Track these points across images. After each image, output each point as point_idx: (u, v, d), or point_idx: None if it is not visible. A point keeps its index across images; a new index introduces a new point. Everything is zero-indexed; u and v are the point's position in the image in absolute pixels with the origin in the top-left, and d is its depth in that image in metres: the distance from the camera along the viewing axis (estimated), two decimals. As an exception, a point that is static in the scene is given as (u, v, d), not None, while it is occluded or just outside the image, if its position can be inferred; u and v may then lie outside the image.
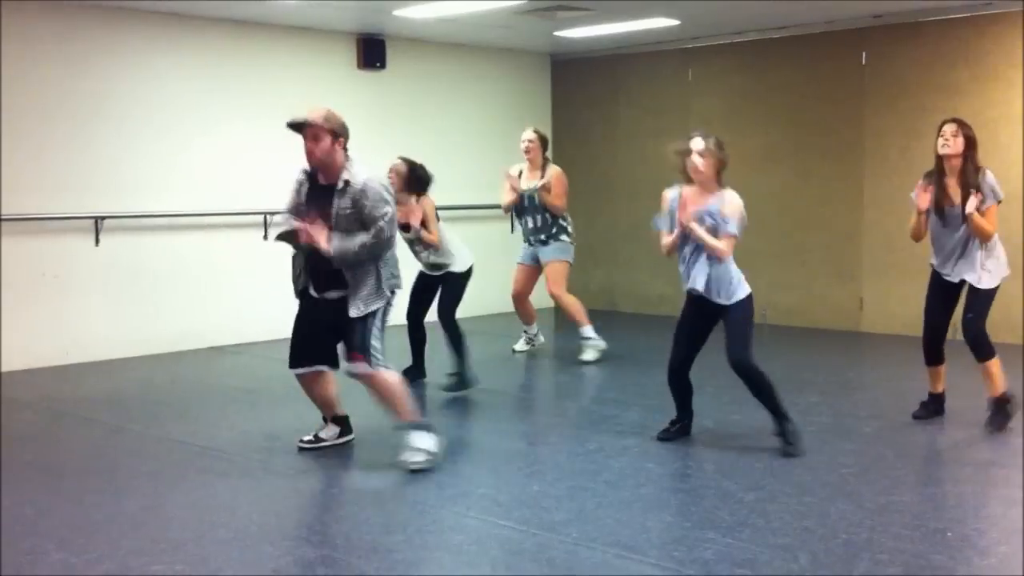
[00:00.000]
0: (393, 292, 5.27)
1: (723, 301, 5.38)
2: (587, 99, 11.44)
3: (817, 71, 9.74)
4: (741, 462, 5.28)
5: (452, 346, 7.10)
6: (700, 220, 5.32)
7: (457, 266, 7.16)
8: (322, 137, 5.03)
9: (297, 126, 5.09)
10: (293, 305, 5.48)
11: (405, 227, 6.88)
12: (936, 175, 5.79)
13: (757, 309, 5.55)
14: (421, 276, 7.29)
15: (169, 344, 8.76)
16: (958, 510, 4.60)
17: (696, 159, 5.34)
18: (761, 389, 5.41)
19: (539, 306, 8.70)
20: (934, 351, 5.97)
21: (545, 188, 7.89)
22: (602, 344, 8.19)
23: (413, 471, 5.12)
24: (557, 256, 8.08)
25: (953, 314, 5.97)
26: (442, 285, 7.22)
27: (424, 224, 6.96)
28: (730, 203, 5.35)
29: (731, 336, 5.38)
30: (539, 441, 5.98)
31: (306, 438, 5.63)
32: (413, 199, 6.97)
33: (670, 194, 5.51)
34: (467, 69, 10.92)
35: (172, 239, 8.82)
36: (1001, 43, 8.64)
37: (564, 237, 8.06)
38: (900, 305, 9.29)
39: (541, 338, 8.63)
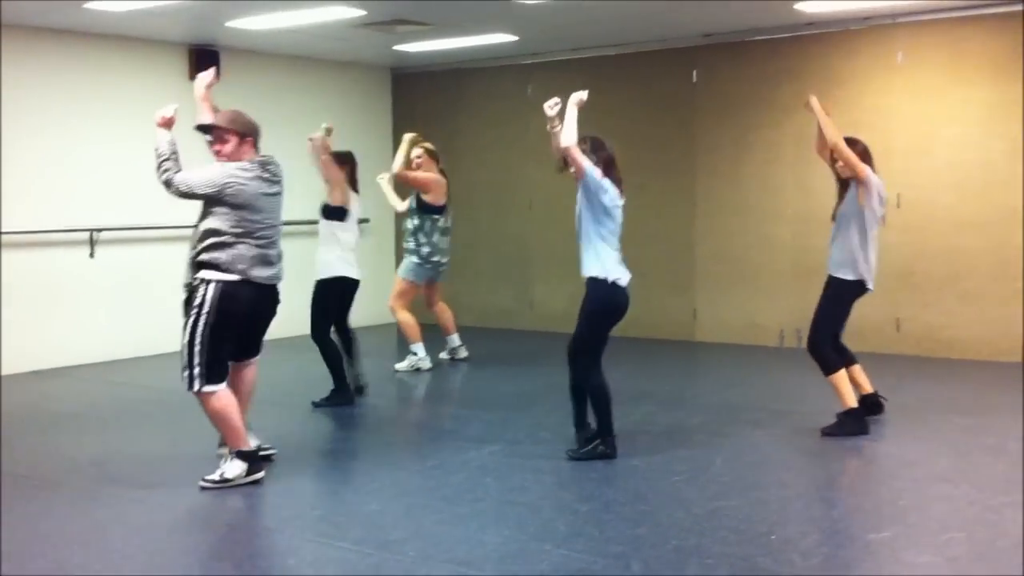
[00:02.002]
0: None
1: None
2: (428, 113, 11.43)
3: (651, 87, 9.99)
4: (577, 472, 5.35)
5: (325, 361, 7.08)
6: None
7: (319, 274, 7.05)
8: (227, 138, 5.12)
9: (205, 128, 5.18)
10: (123, 327, 5.28)
11: (338, 212, 6.96)
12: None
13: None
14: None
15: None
16: (782, 513, 4.77)
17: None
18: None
19: (386, 321, 8.62)
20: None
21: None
22: (425, 364, 8.30)
23: (201, 487, 5.03)
24: (401, 273, 8.33)
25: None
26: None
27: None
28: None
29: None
30: (377, 459, 5.91)
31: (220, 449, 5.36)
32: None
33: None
34: (306, 82, 10.77)
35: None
36: (823, 62, 9.05)
37: (415, 257, 8.18)
38: (731, 314, 9.62)
39: (463, 352, 8.75)
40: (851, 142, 5.98)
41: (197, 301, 4.97)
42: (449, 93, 11.32)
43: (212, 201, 5.02)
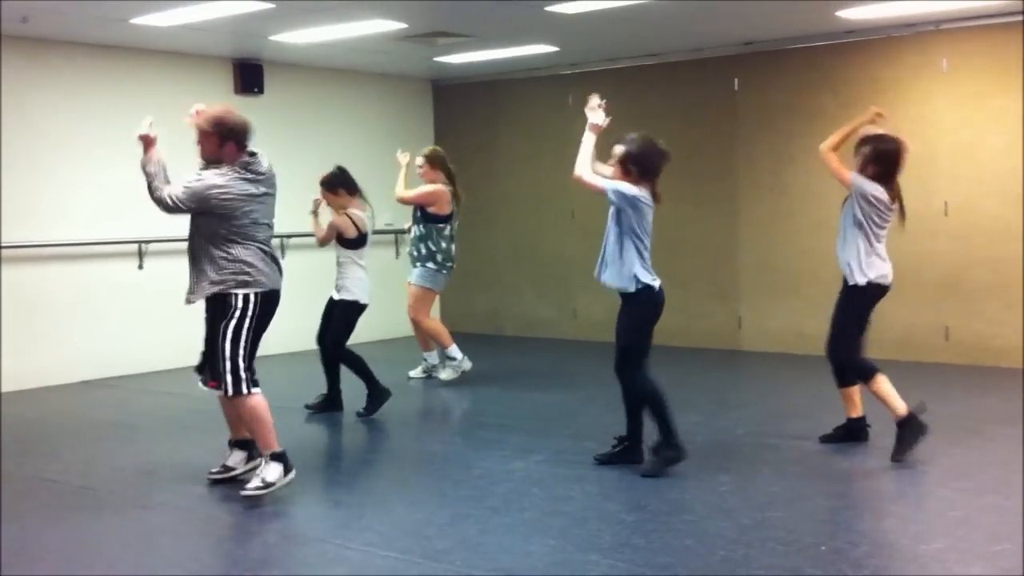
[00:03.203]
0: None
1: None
2: (469, 124, 11.49)
3: (692, 96, 9.97)
4: (622, 482, 5.34)
5: (329, 370, 7.14)
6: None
7: (349, 295, 7.06)
8: (207, 138, 5.09)
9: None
10: (168, 337, 5.34)
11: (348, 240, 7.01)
12: None
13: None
14: (329, 301, 7.21)
15: (39, 379, 8.44)
16: (831, 524, 4.73)
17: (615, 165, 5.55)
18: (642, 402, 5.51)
19: (395, 335, 8.60)
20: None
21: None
22: (466, 365, 8.25)
23: (244, 496, 5.01)
24: (419, 282, 8.05)
25: None
26: (336, 309, 7.11)
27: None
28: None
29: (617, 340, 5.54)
30: (422, 468, 5.94)
31: (214, 469, 5.43)
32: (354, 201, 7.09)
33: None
34: (348, 94, 10.86)
35: (38, 270, 8.52)
36: (864, 70, 8.99)
37: (430, 264, 8.00)
38: (776, 323, 9.56)
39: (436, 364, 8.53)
40: (878, 139, 5.84)
41: (238, 307, 4.99)
42: (490, 104, 11.36)
43: (203, 212, 5.01)
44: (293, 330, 8.21)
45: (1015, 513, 4.71)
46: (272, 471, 5.07)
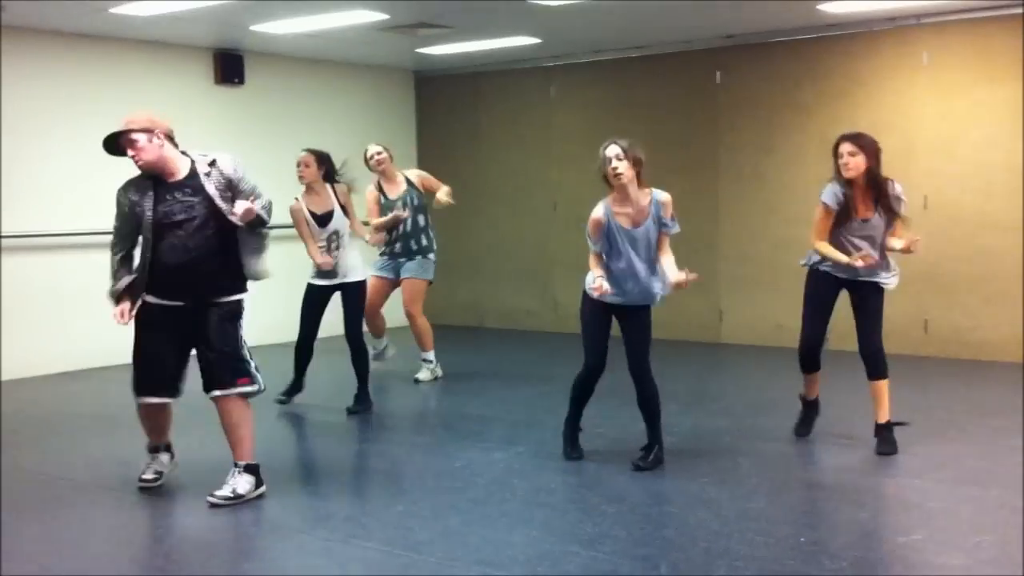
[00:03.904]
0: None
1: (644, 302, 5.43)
2: (451, 116, 11.46)
3: (674, 89, 9.98)
4: (603, 474, 5.35)
5: (358, 364, 6.96)
6: (654, 229, 5.39)
7: (359, 275, 6.98)
8: (138, 140, 4.79)
9: (111, 146, 4.89)
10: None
11: (325, 218, 6.80)
12: (845, 189, 5.58)
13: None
14: (312, 288, 6.99)
15: (17, 370, 8.39)
16: (811, 516, 4.75)
17: (615, 164, 5.24)
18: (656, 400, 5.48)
19: (395, 324, 8.45)
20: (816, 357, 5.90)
21: (426, 187, 7.81)
22: (439, 371, 8.09)
23: (211, 504, 4.89)
24: (419, 274, 7.81)
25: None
26: (342, 296, 6.97)
27: (347, 212, 6.90)
28: (668, 202, 5.43)
29: (639, 343, 5.46)
30: (405, 460, 5.93)
31: (147, 476, 5.22)
32: (328, 188, 6.93)
33: (603, 218, 5.34)
34: (330, 85, 10.82)
35: (15, 261, 8.45)
36: (845, 63, 9.02)
37: (431, 255, 7.87)
38: (757, 316, 9.59)
39: (391, 351, 8.31)
40: (857, 136, 5.59)
41: (243, 311, 4.99)
42: (472, 95, 11.33)
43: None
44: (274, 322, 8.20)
45: (994, 504, 4.75)
46: (244, 483, 4.95)
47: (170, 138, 4.89)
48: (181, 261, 4.81)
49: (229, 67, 9.81)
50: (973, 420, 6.43)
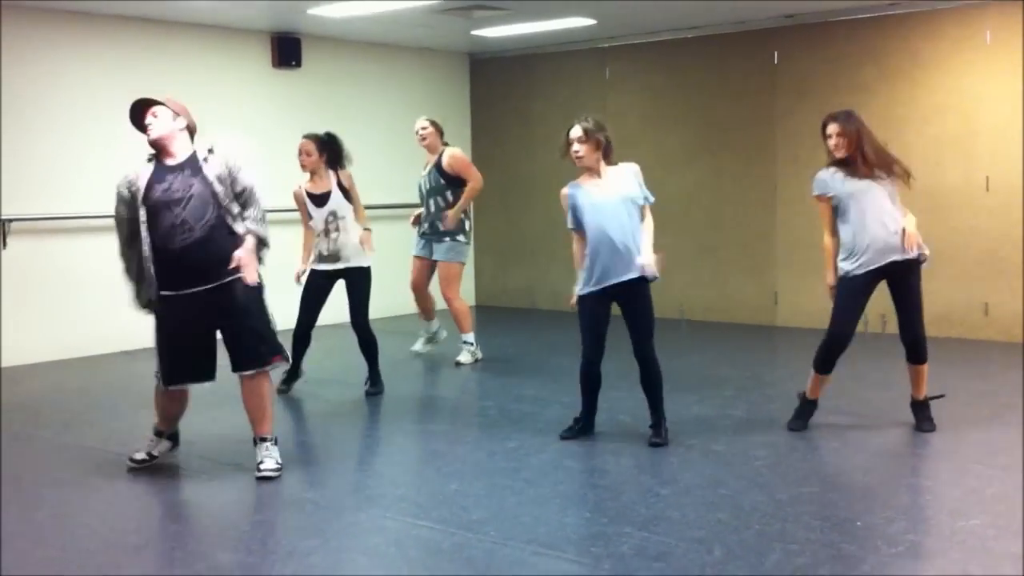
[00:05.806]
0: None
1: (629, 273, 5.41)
2: (505, 98, 11.47)
3: (730, 70, 9.89)
4: (657, 456, 5.35)
5: (367, 352, 6.97)
6: (624, 199, 5.39)
7: (364, 260, 6.88)
8: (161, 114, 4.94)
9: (135, 117, 4.99)
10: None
11: (322, 199, 6.78)
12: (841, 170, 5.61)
13: (674, 306, 5.61)
14: (315, 275, 6.90)
15: (79, 349, 8.57)
16: (867, 500, 4.71)
17: (576, 147, 5.43)
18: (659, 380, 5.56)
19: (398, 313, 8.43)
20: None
21: (455, 171, 7.73)
22: (479, 353, 8.08)
23: (261, 478, 4.99)
24: (451, 257, 7.82)
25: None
26: (346, 282, 6.93)
27: (350, 197, 6.84)
28: (636, 174, 5.51)
29: (642, 328, 5.49)
30: (458, 441, 5.97)
31: (138, 456, 5.25)
32: (331, 172, 6.87)
33: (568, 191, 5.57)
34: (385, 68, 10.87)
35: (81, 242, 8.62)
36: (906, 43, 8.88)
37: (460, 237, 7.82)
38: (812, 300, 9.48)
39: (443, 333, 8.37)
40: (842, 115, 5.58)
41: (263, 286, 5.06)
42: (527, 77, 11.32)
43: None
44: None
45: (1054, 491, 4.68)
46: (277, 452, 5.10)
47: (191, 131, 5.04)
48: (186, 242, 4.83)
49: (286, 50, 9.90)
50: (1034, 406, 6.32)
